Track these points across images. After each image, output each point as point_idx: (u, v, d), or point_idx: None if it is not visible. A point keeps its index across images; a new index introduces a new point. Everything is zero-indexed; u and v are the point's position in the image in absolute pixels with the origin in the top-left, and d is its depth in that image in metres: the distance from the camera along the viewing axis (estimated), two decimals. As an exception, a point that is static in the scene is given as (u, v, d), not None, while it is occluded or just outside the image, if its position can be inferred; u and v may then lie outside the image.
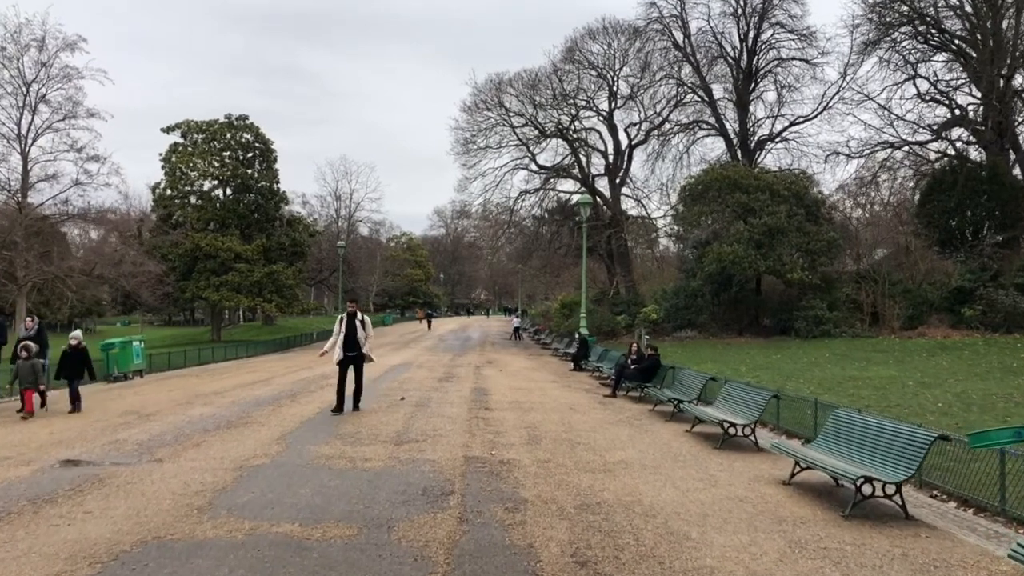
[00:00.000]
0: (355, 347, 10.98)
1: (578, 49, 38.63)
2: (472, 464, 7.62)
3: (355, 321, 10.99)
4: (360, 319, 11.08)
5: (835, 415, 7.42)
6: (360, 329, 10.99)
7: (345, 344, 10.91)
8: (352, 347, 10.96)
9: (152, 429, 9.77)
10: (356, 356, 11.05)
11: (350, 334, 10.90)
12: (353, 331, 10.92)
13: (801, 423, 10.65)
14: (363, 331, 11.03)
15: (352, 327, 10.94)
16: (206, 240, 36.47)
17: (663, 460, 8.16)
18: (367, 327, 11.15)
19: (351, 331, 10.92)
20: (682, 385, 12.52)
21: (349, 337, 10.89)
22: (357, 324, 10.98)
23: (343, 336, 10.88)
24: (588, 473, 7.34)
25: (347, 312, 11.12)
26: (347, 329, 10.92)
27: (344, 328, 10.93)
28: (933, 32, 33.24)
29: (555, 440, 9.26)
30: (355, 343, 10.96)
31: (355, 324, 10.97)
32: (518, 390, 15.48)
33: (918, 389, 14.30)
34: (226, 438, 9.01)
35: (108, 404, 12.93)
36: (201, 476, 6.83)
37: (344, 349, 10.93)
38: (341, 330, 10.93)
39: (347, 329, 10.92)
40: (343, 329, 10.92)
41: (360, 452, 8.14)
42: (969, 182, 29.62)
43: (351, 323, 10.97)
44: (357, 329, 10.95)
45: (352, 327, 10.94)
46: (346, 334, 10.89)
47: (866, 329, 27.46)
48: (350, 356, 11.01)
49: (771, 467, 8.02)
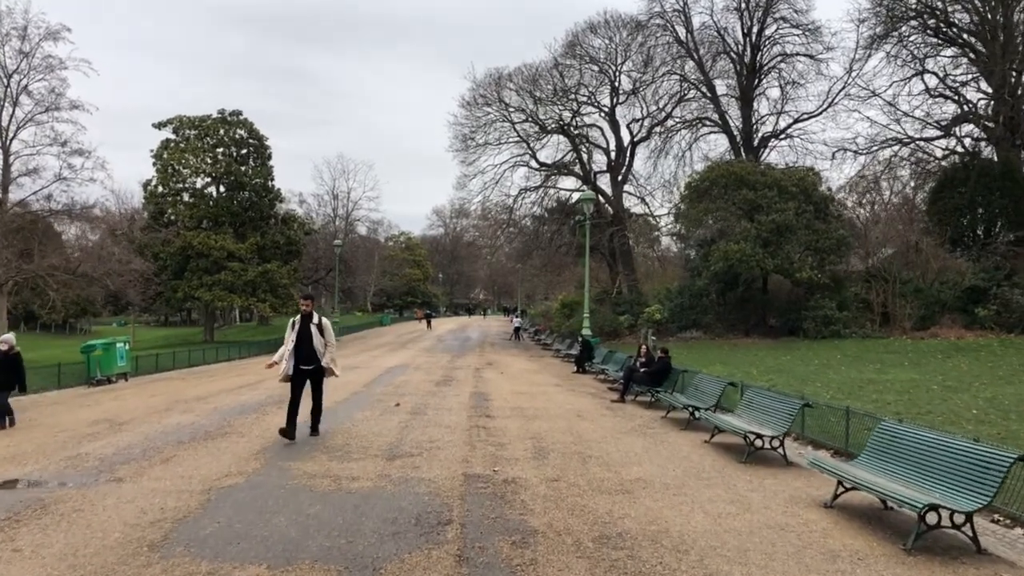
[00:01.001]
0: (311, 358, 8.69)
1: (579, 43, 37.80)
2: (473, 484, 6.77)
3: (310, 325, 8.71)
4: (317, 322, 8.79)
5: (883, 428, 6.58)
6: (317, 335, 8.72)
7: (298, 354, 8.63)
8: (307, 358, 8.66)
9: (120, 441, 8.90)
10: (312, 370, 8.75)
11: (304, 342, 8.66)
12: (308, 338, 8.67)
13: (828, 432, 9.84)
14: (321, 338, 8.77)
15: (307, 333, 8.68)
16: (198, 238, 35.54)
17: (686, 477, 7.32)
18: (327, 333, 8.86)
19: (305, 338, 8.67)
20: (697, 391, 11.68)
21: (303, 345, 8.65)
22: (313, 329, 8.70)
23: (295, 344, 8.63)
24: (604, 495, 6.49)
25: (300, 314, 8.78)
26: (300, 335, 8.67)
27: (297, 334, 8.68)
28: (942, 26, 32.45)
29: (564, 453, 8.42)
30: (311, 353, 8.67)
31: (310, 329, 8.69)
32: (520, 395, 14.63)
33: (945, 394, 13.50)
34: (200, 452, 8.15)
35: (80, 411, 12.06)
36: (163, 500, 5.96)
37: (296, 360, 8.64)
38: (293, 337, 8.67)
39: (300, 335, 8.67)
40: (295, 335, 8.67)
41: (347, 469, 7.28)
42: (982, 178, 28.83)
43: (305, 328, 8.70)
44: (313, 335, 8.69)
45: (307, 333, 8.68)
46: (298, 342, 8.65)
47: (876, 330, 26.70)
48: (304, 370, 8.70)
49: (806, 485, 7.19)
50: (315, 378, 8.91)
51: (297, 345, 8.65)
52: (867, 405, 11.75)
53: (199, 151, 37.93)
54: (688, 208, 30.50)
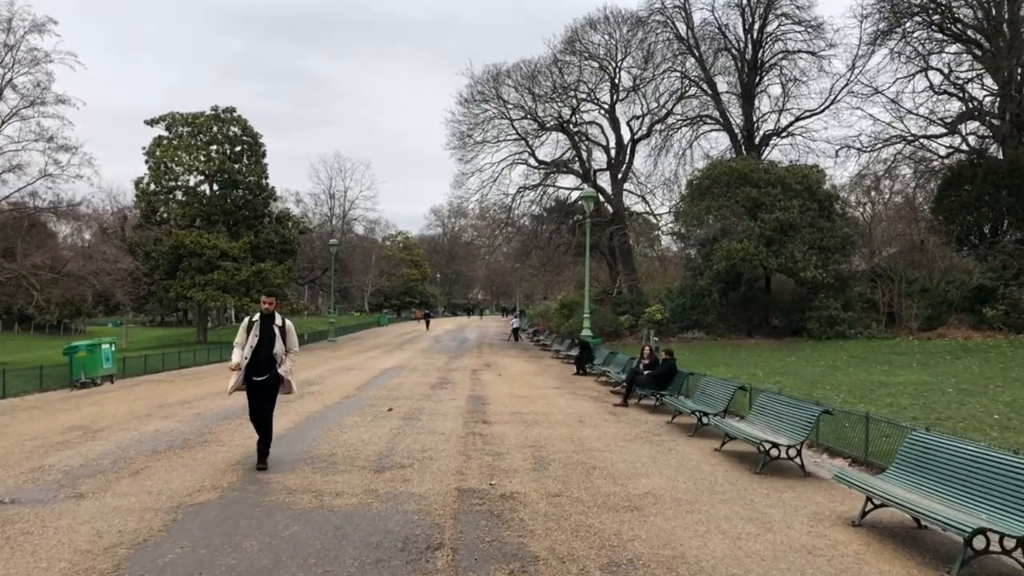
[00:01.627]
0: (268, 366, 7.16)
1: (579, 39, 37.23)
2: (467, 500, 6.21)
3: (273, 327, 7.26)
4: (280, 324, 7.31)
5: (915, 440, 6.03)
6: (279, 339, 7.24)
7: (253, 361, 7.13)
8: (263, 366, 7.14)
9: (91, 451, 8.32)
10: (266, 381, 7.20)
11: (264, 346, 7.16)
12: (269, 341, 7.19)
13: (843, 439, 9.30)
14: (282, 343, 7.26)
15: (268, 335, 7.20)
16: (191, 237, 34.90)
17: (698, 491, 6.76)
18: (289, 337, 7.35)
19: (265, 342, 7.18)
20: (705, 395, 11.12)
21: (261, 350, 7.14)
22: (276, 331, 7.25)
23: (252, 349, 7.15)
24: (611, 512, 5.93)
25: (261, 313, 7.31)
26: (260, 338, 7.17)
27: (255, 337, 7.17)
28: (947, 22, 31.94)
29: (565, 463, 7.86)
30: (269, 360, 7.16)
31: (273, 331, 7.23)
32: (519, 398, 14.06)
33: (961, 397, 12.96)
34: (174, 463, 7.58)
35: (56, 416, 11.48)
36: (123, 521, 5.39)
37: (250, 369, 7.15)
38: (250, 340, 7.17)
39: (260, 338, 7.17)
40: (253, 338, 7.17)
41: (331, 483, 6.71)
42: (989, 176, 28.32)
43: (267, 329, 7.22)
44: (274, 339, 7.21)
45: (268, 335, 7.20)
46: (257, 345, 7.14)
47: (882, 330, 26.21)
48: (257, 381, 7.19)
49: (828, 499, 6.63)
50: (268, 391, 7.28)
51: (255, 350, 7.14)
52: (882, 409, 11.22)
53: (192, 148, 37.29)
54: (690, 206, 29.95)
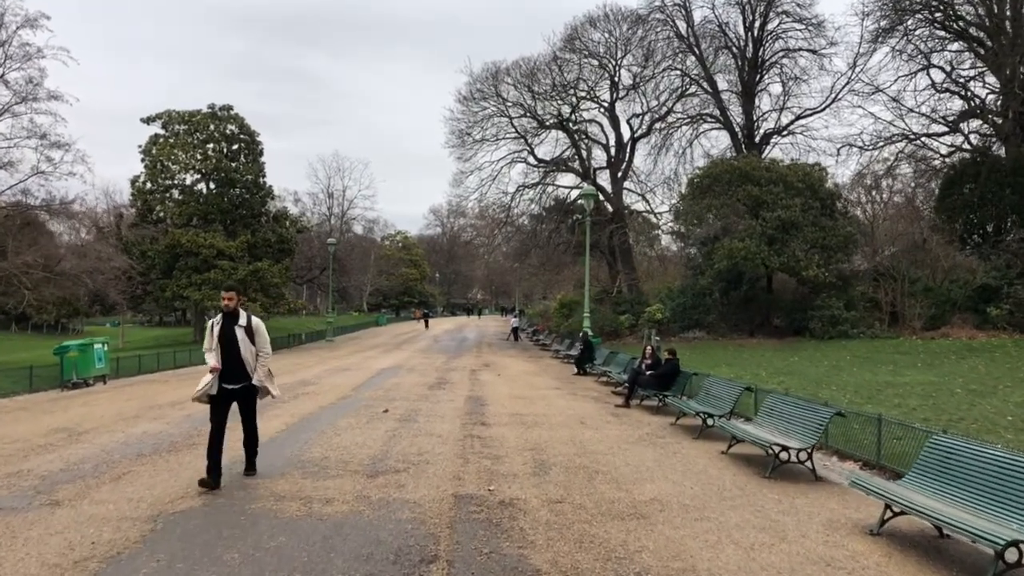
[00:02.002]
0: (239, 373, 6.43)
1: (578, 37, 36.93)
2: (464, 507, 5.89)
3: (235, 328, 6.41)
4: (246, 324, 6.47)
5: (936, 444, 5.72)
6: (245, 342, 6.42)
7: (224, 368, 6.40)
8: (232, 373, 6.41)
9: (73, 454, 8.01)
10: (241, 390, 6.52)
11: (229, 350, 6.39)
12: (233, 345, 6.38)
13: (853, 441, 9.00)
14: (251, 345, 6.47)
15: (231, 338, 6.38)
16: (187, 236, 34.55)
17: (706, 497, 6.45)
18: (259, 338, 6.53)
19: (230, 345, 6.38)
20: (709, 396, 10.82)
21: (228, 356, 6.39)
22: (239, 333, 6.40)
23: (218, 353, 6.40)
24: (616, 520, 5.62)
25: (223, 313, 6.48)
26: (223, 342, 6.39)
27: (218, 341, 6.40)
28: (949, 19, 31.67)
29: (567, 468, 7.55)
30: (237, 366, 6.41)
31: (235, 333, 6.39)
32: (519, 399, 13.75)
33: (971, 398, 12.67)
34: (159, 467, 7.26)
35: (42, 418, 11.16)
36: (98, 531, 5.08)
37: (222, 378, 6.43)
38: (214, 345, 6.42)
39: (223, 342, 6.39)
40: (217, 342, 6.41)
41: (321, 489, 6.40)
42: (992, 174, 28.05)
43: (229, 331, 6.39)
44: (240, 342, 6.40)
45: (231, 338, 6.38)
46: (222, 349, 6.39)
47: (885, 329, 25.95)
48: (228, 390, 6.47)
49: (842, 506, 6.33)
50: (244, 401, 6.61)
51: (222, 357, 6.35)
52: (891, 410, 10.92)
53: (189, 146, 36.95)
54: (691, 205, 29.66)
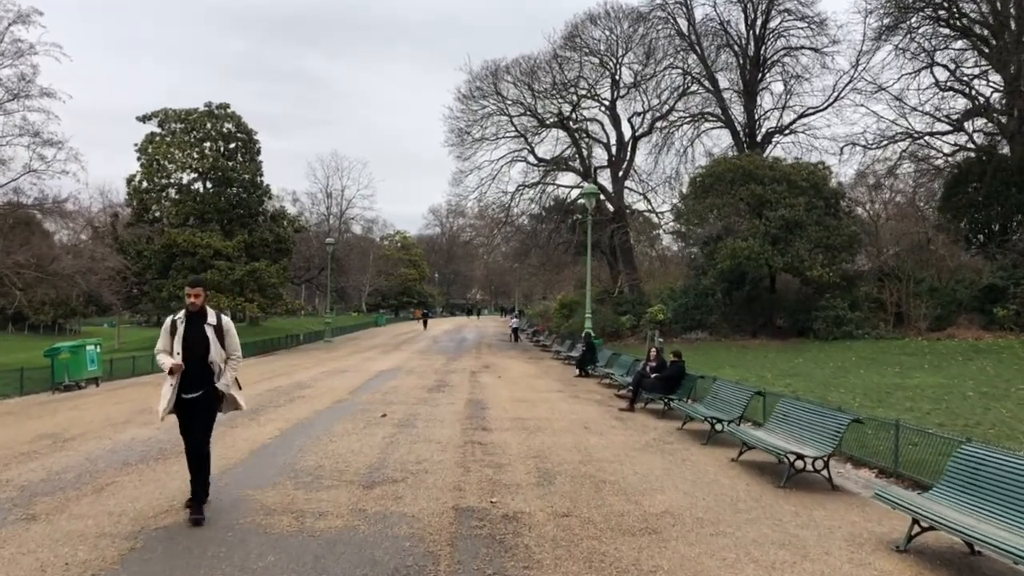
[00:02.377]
0: (201, 379, 5.39)
1: (579, 34, 36.66)
2: (465, 521, 5.56)
3: (204, 327, 5.45)
4: (215, 323, 5.52)
5: (966, 453, 5.40)
6: (215, 343, 5.45)
7: (184, 374, 5.34)
8: (195, 380, 5.37)
9: (56, 463, 7.67)
10: (201, 398, 5.42)
11: (193, 353, 5.37)
12: (202, 347, 5.40)
13: (867, 447, 8.68)
14: (220, 348, 5.49)
15: (198, 338, 5.40)
16: (183, 236, 34.21)
17: (720, 509, 6.12)
18: (228, 340, 5.57)
19: (196, 347, 5.38)
20: (717, 399, 10.49)
21: (193, 359, 5.36)
22: (209, 333, 5.44)
23: (180, 357, 5.36)
24: (627, 536, 5.29)
25: (186, 310, 5.48)
26: (188, 343, 5.38)
27: (183, 341, 5.37)
28: (954, 16, 31.36)
29: (573, 476, 7.22)
30: (202, 371, 5.39)
31: (205, 333, 5.43)
32: (520, 402, 13.42)
33: (985, 401, 12.36)
34: (145, 478, 6.92)
35: (28, 423, 10.81)
36: (73, 549, 4.75)
37: (180, 385, 5.37)
38: (175, 346, 5.38)
39: (188, 343, 5.38)
40: (179, 343, 5.37)
41: (315, 501, 6.06)
42: (998, 174, 27.75)
43: (196, 331, 5.42)
44: (210, 342, 5.43)
45: (198, 338, 5.40)
46: (186, 353, 5.36)
47: (890, 330, 25.64)
48: (188, 400, 5.39)
49: (863, 519, 6.01)
50: (204, 412, 5.46)
51: (184, 359, 5.33)
52: (902, 414, 10.61)
53: (185, 145, 36.61)
54: (693, 204, 29.35)
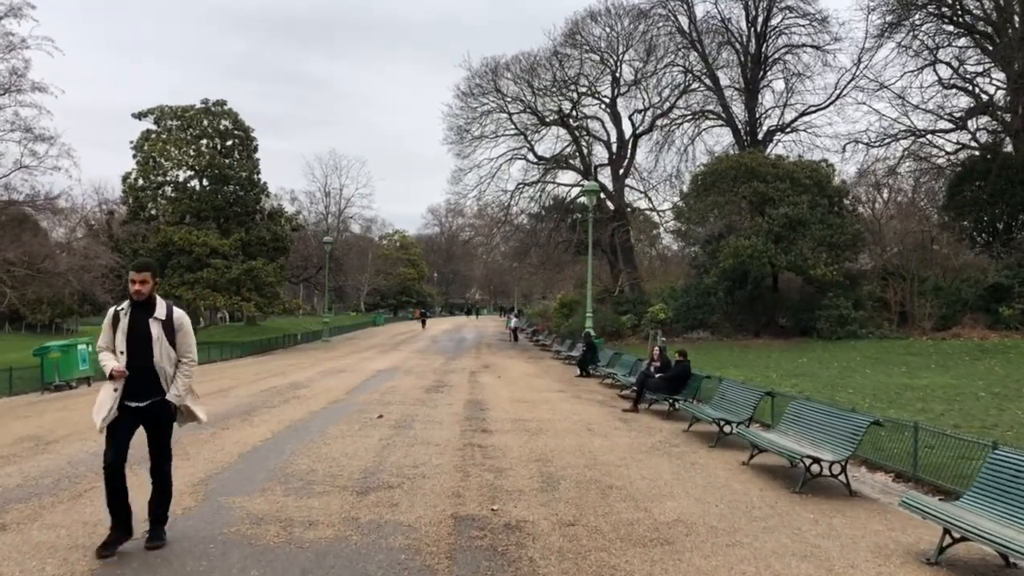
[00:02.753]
0: (148, 386, 4.48)
1: (579, 32, 36.36)
2: (465, 531, 5.22)
3: (151, 322, 4.51)
4: (164, 317, 4.55)
5: (999, 460, 5.06)
6: (162, 341, 4.51)
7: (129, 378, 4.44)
8: (142, 385, 4.46)
9: (36, 467, 7.31)
10: (149, 409, 4.53)
11: (137, 352, 4.45)
12: (146, 345, 4.47)
13: (882, 450, 8.35)
14: (169, 347, 4.54)
15: (142, 335, 4.48)
16: (179, 234, 33.83)
17: (734, 517, 5.78)
18: (181, 338, 4.62)
19: (141, 346, 4.46)
20: (725, 400, 10.16)
21: (137, 360, 4.45)
22: (154, 329, 4.50)
23: (124, 356, 4.46)
24: (637, 547, 4.95)
25: (129, 301, 4.54)
26: (132, 340, 4.47)
27: (126, 337, 4.47)
28: (957, 13, 31.06)
29: (577, 482, 6.88)
30: (150, 376, 4.49)
31: (150, 329, 4.50)
32: (521, 403, 13.08)
33: (998, 402, 12.04)
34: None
35: (13, 425, 10.45)
36: (41, 564, 4.38)
37: (124, 392, 4.44)
38: (118, 343, 4.50)
39: (132, 340, 4.47)
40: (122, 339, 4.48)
41: (305, 509, 5.71)
42: (1003, 172, 27.47)
43: (140, 326, 4.49)
44: (154, 341, 4.49)
45: (142, 335, 4.48)
46: (129, 352, 4.45)
47: (894, 329, 25.36)
48: (133, 409, 4.48)
49: (887, 527, 5.67)
50: (155, 426, 4.57)
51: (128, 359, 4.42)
52: (915, 415, 10.28)
53: (181, 142, 36.24)
54: (695, 202, 29.03)
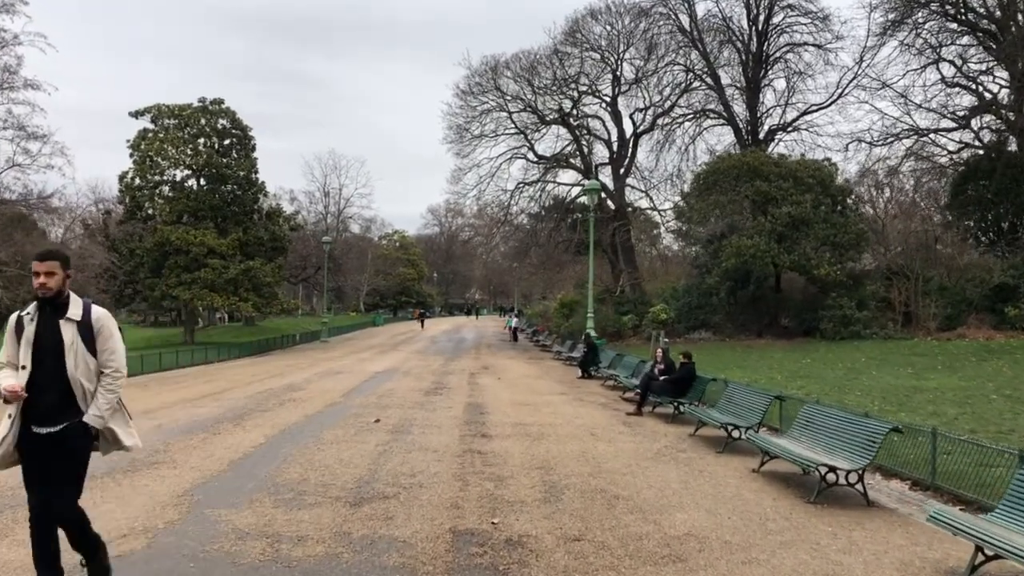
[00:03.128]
0: (60, 407, 3.44)
1: (580, 30, 36.04)
2: (464, 548, 4.90)
3: (63, 324, 3.47)
4: (78, 318, 3.49)
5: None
6: (78, 349, 3.47)
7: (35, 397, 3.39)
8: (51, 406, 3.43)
9: (11, 476, 6.97)
10: (59, 437, 3.43)
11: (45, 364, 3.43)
12: (55, 354, 3.44)
13: (896, 456, 8.01)
14: (88, 356, 3.49)
15: (52, 342, 3.45)
16: (176, 234, 33.51)
17: (748, 530, 5.47)
18: (103, 343, 3.55)
19: (49, 355, 3.44)
20: (732, 404, 9.84)
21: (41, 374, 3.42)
22: (67, 334, 3.46)
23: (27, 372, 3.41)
24: (648, 565, 4.64)
25: (36, 301, 3.49)
26: (39, 349, 3.43)
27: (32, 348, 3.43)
28: (960, 11, 30.78)
29: (582, 491, 6.56)
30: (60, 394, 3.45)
31: (62, 334, 3.45)
32: (522, 406, 12.76)
33: (1012, 405, 11.72)
34: (107, 494, 6.25)
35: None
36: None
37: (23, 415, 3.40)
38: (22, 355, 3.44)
39: (39, 349, 3.43)
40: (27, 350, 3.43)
41: (294, 522, 5.40)
42: (1008, 171, 27.19)
43: (48, 330, 3.45)
44: (67, 349, 3.44)
45: (52, 342, 3.45)
46: (35, 364, 3.42)
47: (898, 330, 25.08)
48: (40, 437, 3.41)
49: (909, 541, 5.36)
50: (62, 457, 3.46)
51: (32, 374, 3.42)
52: (927, 419, 9.98)
53: (179, 141, 35.86)
54: (696, 201, 28.74)
